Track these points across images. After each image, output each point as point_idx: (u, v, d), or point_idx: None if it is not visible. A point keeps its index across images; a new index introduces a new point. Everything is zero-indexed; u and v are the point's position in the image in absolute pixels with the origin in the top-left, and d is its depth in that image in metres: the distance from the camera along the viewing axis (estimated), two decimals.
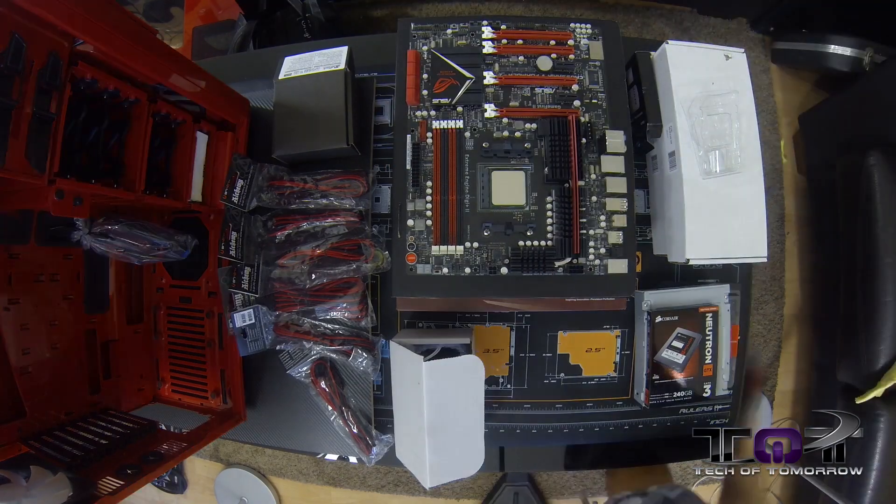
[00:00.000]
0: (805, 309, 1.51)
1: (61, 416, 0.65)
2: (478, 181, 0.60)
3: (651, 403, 0.70)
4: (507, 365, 0.75)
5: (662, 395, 0.70)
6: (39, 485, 0.50)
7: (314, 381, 0.72)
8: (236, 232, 0.70)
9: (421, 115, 0.61)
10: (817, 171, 1.43)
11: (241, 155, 0.73)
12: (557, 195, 0.59)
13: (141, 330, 0.79)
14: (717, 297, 0.72)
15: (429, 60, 0.62)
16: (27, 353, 0.62)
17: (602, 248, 0.59)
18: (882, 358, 1.10)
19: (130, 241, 0.66)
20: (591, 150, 0.60)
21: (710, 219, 0.62)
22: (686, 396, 0.71)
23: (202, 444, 0.66)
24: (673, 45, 0.64)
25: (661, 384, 0.70)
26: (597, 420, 0.76)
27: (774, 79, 1.51)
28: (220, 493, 1.58)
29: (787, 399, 1.54)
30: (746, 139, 0.63)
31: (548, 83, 0.62)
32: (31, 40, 0.42)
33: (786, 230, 1.51)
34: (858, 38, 1.23)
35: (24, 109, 0.42)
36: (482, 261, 0.58)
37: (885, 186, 1.08)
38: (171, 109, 0.64)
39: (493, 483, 1.45)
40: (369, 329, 0.72)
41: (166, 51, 0.57)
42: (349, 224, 0.70)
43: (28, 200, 0.50)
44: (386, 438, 0.72)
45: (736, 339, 0.75)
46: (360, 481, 1.53)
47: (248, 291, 0.70)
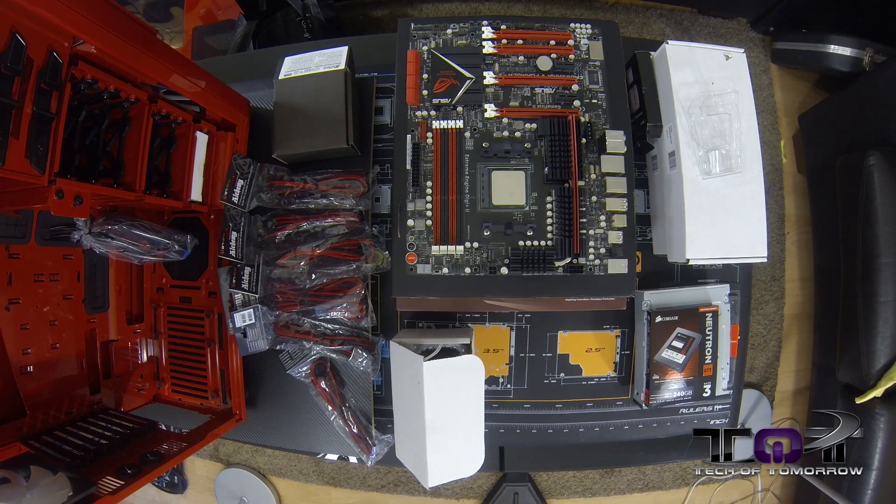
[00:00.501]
0: (805, 309, 1.51)
1: (61, 416, 0.65)
2: (478, 181, 0.60)
3: (651, 403, 0.70)
4: (507, 365, 0.75)
5: (662, 394, 0.70)
6: (39, 485, 0.50)
7: (314, 381, 0.72)
8: (236, 232, 0.70)
9: (421, 115, 0.61)
10: (817, 171, 1.42)
11: (241, 155, 0.73)
12: (557, 195, 0.59)
13: (141, 330, 0.79)
14: (717, 296, 0.72)
15: (429, 60, 0.62)
16: (27, 353, 0.62)
17: (602, 247, 0.59)
18: (882, 358, 1.10)
19: (130, 241, 0.66)
20: (591, 150, 0.60)
21: (710, 219, 0.62)
22: (686, 396, 0.71)
23: (202, 444, 0.66)
24: (673, 45, 0.64)
25: (660, 384, 0.70)
26: (597, 420, 0.76)
27: (774, 79, 1.51)
28: (220, 493, 1.58)
29: (787, 399, 1.54)
30: (746, 139, 0.63)
31: (548, 83, 0.62)
32: (31, 40, 0.42)
33: (786, 230, 1.51)
34: (858, 38, 1.23)
35: (24, 109, 0.42)
36: (482, 261, 0.58)
37: (885, 186, 1.08)
38: (171, 109, 0.64)
39: (493, 483, 1.45)
40: (369, 329, 0.72)
41: (166, 51, 0.57)
42: (349, 224, 0.70)
43: (28, 200, 0.50)
44: (386, 438, 0.72)
45: (736, 339, 0.75)
46: (360, 481, 1.53)
47: (248, 291, 0.70)
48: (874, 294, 1.11)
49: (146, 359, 0.80)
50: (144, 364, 0.79)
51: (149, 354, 0.80)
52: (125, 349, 0.77)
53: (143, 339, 0.79)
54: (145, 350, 0.80)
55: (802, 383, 1.53)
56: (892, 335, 1.09)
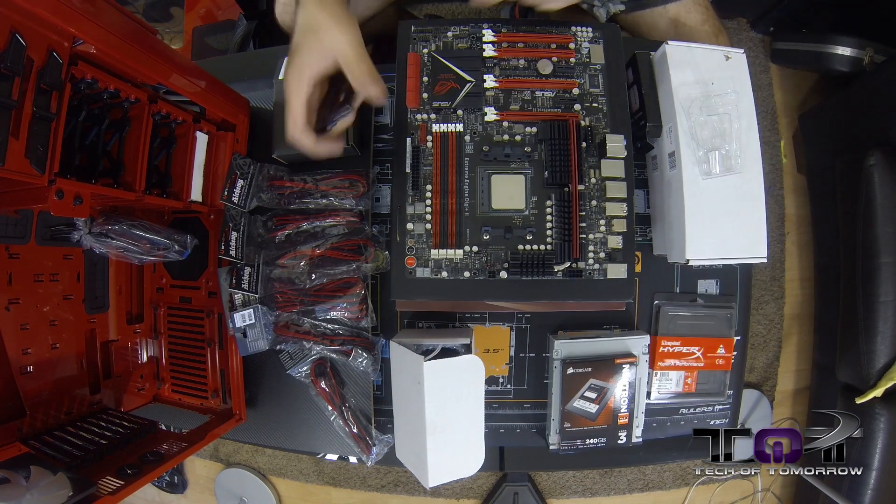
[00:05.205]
0: (805, 309, 1.51)
1: (61, 416, 0.65)
2: (477, 185, 0.60)
3: (562, 450, 0.68)
4: (507, 365, 0.75)
5: (574, 441, 0.68)
6: (39, 485, 0.50)
7: (314, 381, 0.72)
8: (236, 232, 0.71)
9: (421, 118, 0.61)
10: (817, 171, 1.42)
11: (241, 155, 0.73)
12: (557, 199, 0.59)
13: (141, 330, 0.79)
14: (636, 346, 0.69)
15: (429, 63, 0.62)
16: (27, 353, 0.62)
17: (602, 252, 0.59)
18: (882, 358, 1.10)
19: (130, 241, 0.66)
20: (591, 153, 0.60)
21: (709, 219, 0.62)
22: (599, 444, 0.69)
23: (202, 444, 0.66)
24: (673, 45, 0.64)
25: (572, 432, 0.68)
26: None
27: (774, 79, 1.51)
28: (220, 493, 1.58)
29: (787, 399, 1.54)
30: (746, 139, 0.63)
31: (548, 86, 0.61)
32: (31, 40, 0.42)
33: (786, 230, 1.51)
34: (858, 38, 1.23)
35: (24, 109, 0.42)
36: (481, 265, 0.58)
37: (885, 186, 1.08)
38: (171, 109, 0.64)
39: (493, 483, 1.46)
40: (369, 329, 0.72)
41: (166, 51, 0.57)
42: (349, 224, 0.70)
43: (28, 200, 0.50)
44: (386, 438, 0.72)
45: (731, 353, 0.74)
46: (360, 481, 1.53)
47: (248, 291, 0.70)
48: (874, 294, 1.11)
49: (146, 359, 0.80)
50: (144, 364, 0.79)
51: (149, 354, 0.80)
52: (125, 349, 0.77)
53: (143, 339, 0.79)
54: (145, 350, 0.80)
55: (802, 383, 1.53)
56: (892, 335, 1.09)
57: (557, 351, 0.67)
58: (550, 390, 0.69)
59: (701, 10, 0.78)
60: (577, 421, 0.68)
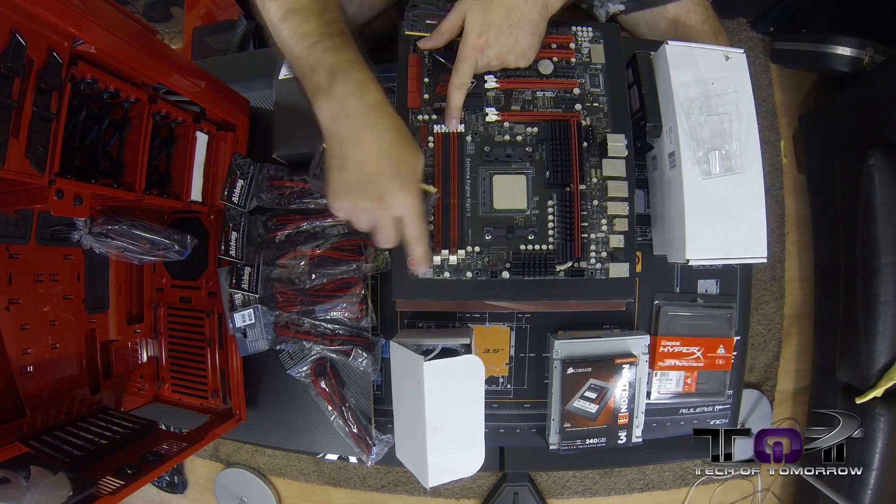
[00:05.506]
0: (805, 309, 1.51)
1: (61, 416, 0.65)
2: (479, 185, 0.60)
3: (562, 450, 0.68)
4: (507, 365, 0.75)
5: (574, 441, 0.68)
6: (39, 485, 0.50)
7: (314, 381, 0.72)
8: (236, 232, 0.71)
9: (422, 118, 0.61)
10: (817, 171, 1.43)
11: (241, 155, 0.73)
12: (559, 199, 0.59)
13: (141, 330, 0.79)
14: (636, 347, 0.69)
15: (430, 64, 0.62)
16: (27, 353, 0.62)
17: (603, 251, 0.58)
18: (882, 358, 1.10)
19: (130, 241, 0.66)
20: (593, 153, 0.60)
21: (709, 219, 0.62)
22: (599, 444, 0.68)
23: (202, 444, 0.66)
24: (673, 45, 0.64)
25: (572, 432, 0.68)
26: None
27: (774, 79, 1.51)
28: (220, 493, 1.58)
29: (787, 399, 1.54)
30: (746, 139, 0.63)
31: (549, 87, 0.61)
32: (31, 40, 0.42)
33: (786, 230, 1.51)
34: (858, 38, 1.23)
35: (24, 109, 0.42)
36: (483, 265, 0.58)
37: (885, 186, 1.08)
38: (171, 109, 0.64)
39: (493, 483, 1.46)
40: (369, 329, 0.72)
41: (166, 51, 0.57)
42: (349, 224, 0.70)
43: (28, 200, 0.51)
44: (386, 438, 0.72)
45: (731, 353, 0.73)
46: (360, 481, 1.53)
47: (248, 291, 0.70)
48: (874, 294, 1.11)
49: (146, 359, 0.80)
50: (144, 364, 0.79)
51: (149, 354, 0.80)
52: (125, 349, 0.77)
53: (143, 339, 0.79)
54: (145, 350, 0.80)
55: (802, 383, 1.53)
56: (892, 335, 1.10)
57: (557, 351, 0.67)
58: (550, 390, 0.69)
59: (701, 10, 0.78)
60: (577, 421, 0.68)
